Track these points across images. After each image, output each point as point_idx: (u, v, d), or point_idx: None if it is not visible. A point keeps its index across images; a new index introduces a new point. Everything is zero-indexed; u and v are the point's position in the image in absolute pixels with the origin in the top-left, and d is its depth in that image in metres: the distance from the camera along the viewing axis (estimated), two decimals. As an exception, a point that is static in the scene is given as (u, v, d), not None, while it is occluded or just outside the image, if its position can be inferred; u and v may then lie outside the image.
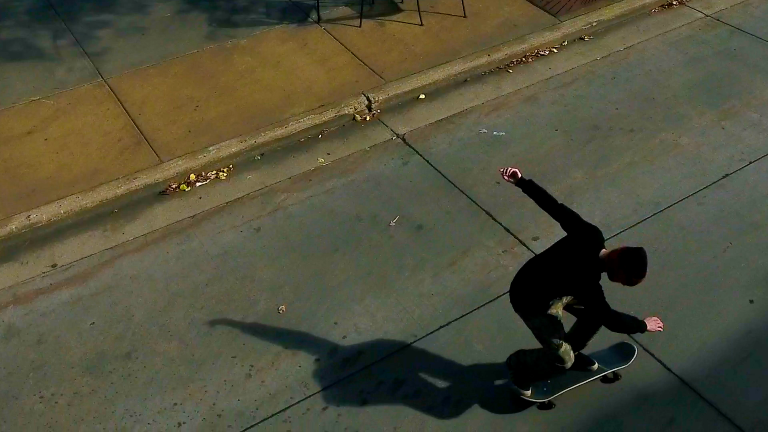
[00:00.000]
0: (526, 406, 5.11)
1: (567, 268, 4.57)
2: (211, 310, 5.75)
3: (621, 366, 5.20)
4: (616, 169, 6.94)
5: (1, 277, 6.04)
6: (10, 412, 5.13)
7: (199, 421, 5.07)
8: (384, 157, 7.11)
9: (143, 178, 6.82)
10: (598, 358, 5.24)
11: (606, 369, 5.18)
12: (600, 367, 5.17)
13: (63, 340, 5.57)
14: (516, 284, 4.79)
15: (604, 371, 5.18)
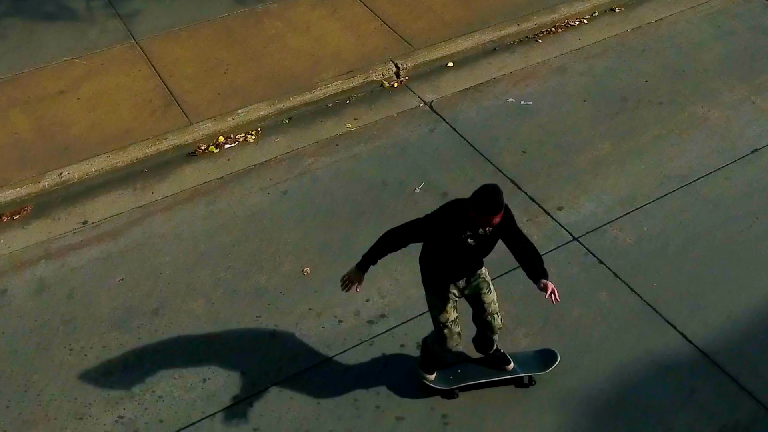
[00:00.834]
0: (429, 391, 4.93)
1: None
2: (237, 270, 5.73)
3: (538, 372, 4.95)
4: (644, 141, 6.78)
5: (33, 233, 6.06)
6: (41, 363, 5.17)
7: (223, 377, 5.06)
8: (411, 124, 7.00)
9: (173, 139, 6.78)
10: (519, 359, 4.99)
11: (520, 372, 4.94)
12: (515, 369, 4.95)
13: (93, 295, 5.58)
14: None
15: (518, 374, 4.94)
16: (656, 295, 5.51)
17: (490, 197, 4.10)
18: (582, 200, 6.24)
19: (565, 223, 6.04)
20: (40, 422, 4.86)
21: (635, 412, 4.85)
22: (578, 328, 5.32)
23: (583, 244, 5.88)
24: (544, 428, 4.78)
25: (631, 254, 5.82)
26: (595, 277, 5.65)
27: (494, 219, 4.14)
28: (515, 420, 4.82)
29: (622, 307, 5.45)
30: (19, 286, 5.65)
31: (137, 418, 4.86)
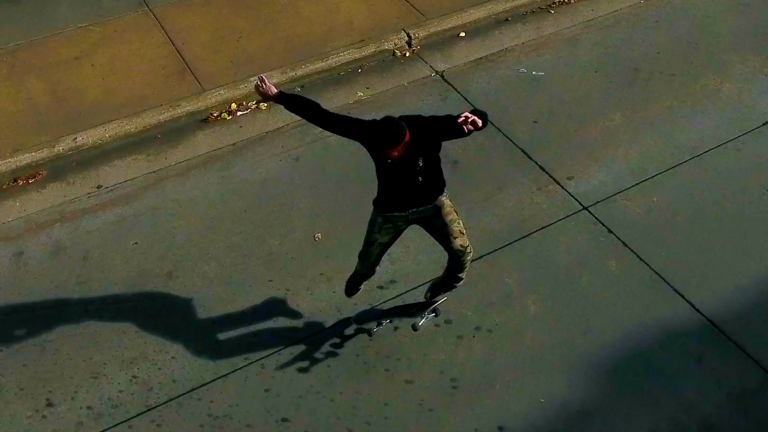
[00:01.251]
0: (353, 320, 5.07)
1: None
2: (250, 235, 5.74)
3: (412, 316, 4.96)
4: (655, 112, 6.72)
5: (48, 196, 6.08)
6: (56, 323, 5.20)
7: (236, 339, 5.09)
8: (422, 93, 6.95)
9: (186, 105, 6.77)
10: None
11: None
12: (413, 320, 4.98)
13: (107, 258, 5.60)
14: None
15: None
16: (665, 265, 5.49)
17: (382, 132, 4.04)
18: (592, 170, 6.20)
19: (575, 192, 6.01)
20: (56, 380, 4.90)
21: (643, 378, 4.85)
22: (587, 295, 5.31)
23: (592, 213, 5.85)
24: (553, 392, 4.79)
25: (640, 224, 5.79)
26: (604, 246, 5.63)
27: (391, 152, 4.08)
28: (524, 384, 4.83)
29: (630, 276, 5.43)
30: (35, 248, 5.68)
31: (151, 378, 4.90)
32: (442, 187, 4.51)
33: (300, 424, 4.67)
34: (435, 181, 4.44)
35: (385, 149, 4.08)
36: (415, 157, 4.24)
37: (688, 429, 4.63)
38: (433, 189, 4.46)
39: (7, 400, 4.81)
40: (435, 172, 4.41)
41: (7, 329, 5.17)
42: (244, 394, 4.81)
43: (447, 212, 4.48)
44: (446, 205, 4.50)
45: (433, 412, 4.71)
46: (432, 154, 4.32)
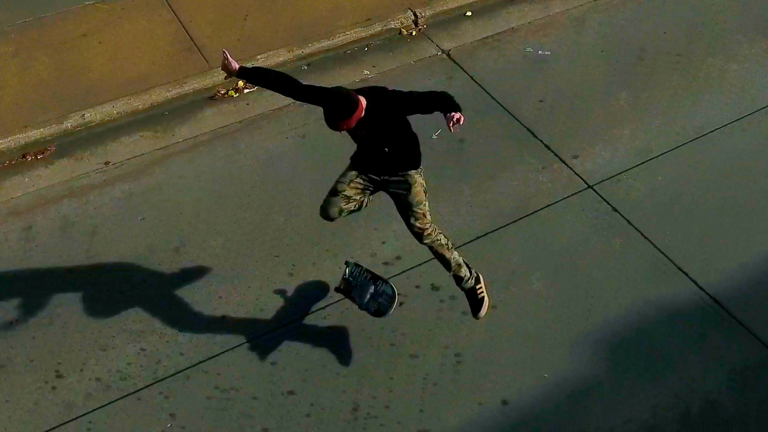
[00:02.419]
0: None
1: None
2: (256, 210, 5.73)
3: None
4: (661, 92, 6.67)
5: (57, 172, 6.07)
6: (65, 296, 5.21)
7: (243, 314, 5.10)
8: (428, 72, 6.91)
9: (193, 83, 6.74)
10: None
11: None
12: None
13: (115, 233, 5.60)
14: None
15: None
16: (669, 244, 5.48)
17: (328, 107, 4.05)
18: (597, 149, 6.17)
19: (580, 171, 5.98)
20: (64, 353, 4.92)
21: (646, 355, 4.86)
22: (591, 273, 5.30)
23: (597, 192, 5.83)
24: (556, 368, 4.80)
25: (645, 203, 5.77)
26: (608, 224, 5.61)
27: (341, 125, 4.08)
28: (528, 359, 4.84)
29: (634, 255, 5.42)
30: (44, 223, 5.68)
31: (159, 351, 4.92)
32: (415, 161, 4.47)
33: (306, 397, 4.69)
34: (405, 154, 4.43)
35: (329, 124, 4.09)
36: (377, 129, 4.24)
37: (689, 405, 4.64)
38: (402, 162, 4.44)
39: (17, 372, 4.83)
40: (405, 145, 4.40)
41: (16, 302, 5.18)
42: (250, 368, 4.83)
43: (416, 192, 4.47)
44: (417, 184, 4.47)
45: (437, 386, 4.73)
46: (399, 127, 4.30)
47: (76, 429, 4.55)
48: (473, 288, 4.77)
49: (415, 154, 4.48)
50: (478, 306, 4.77)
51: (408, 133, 4.42)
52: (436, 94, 4.21)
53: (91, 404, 4.67)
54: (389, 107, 4.21)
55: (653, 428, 4.53)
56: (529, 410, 4.62)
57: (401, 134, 4.37)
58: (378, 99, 4.21)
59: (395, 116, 4.25)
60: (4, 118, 6.43)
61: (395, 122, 4.28)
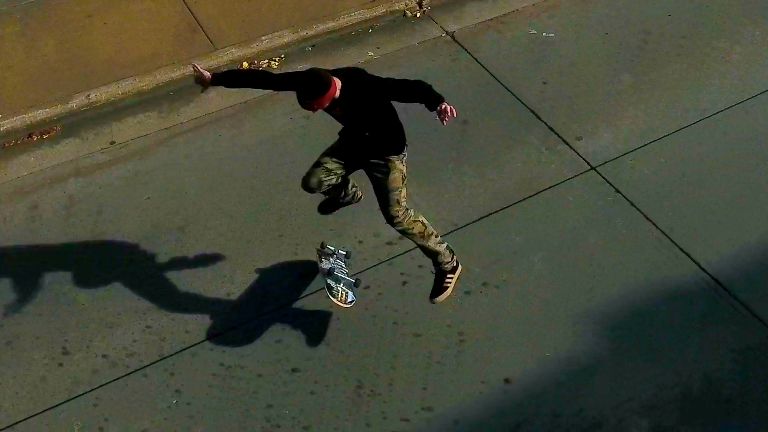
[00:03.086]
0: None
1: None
2: (261, 190, 5.71)
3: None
4: (664, 74, 6.61)
5: (63, 151, 6.05)
6: (72, 275, 5.21)
7: (247, 292, 5.09)
8: (433, 54, 6.86)
9: (198, 64, 6.68)
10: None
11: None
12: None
13: (121, 212, 5.59)
14: None
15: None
16: (672, 225, 5.44)
17: (301, 86, 4.03)
18: (601, 131, 6.13)
19: (583, 152, 5.94)
20: (71, 330, 4.92)
21: (648, 334, 4.84)
22: (594, 253, 5.28)
23: (600, 173, 5.79)
24: (558, 347, 4.79)
25: (648, 185, 5.73)
26: (611, 205, 5.58)
27: (312, 104, 4.05)
28: (530, 338, 4.83)
29: (637, 235, 5.40)
30: (50, 202, 5.67)
31: (164, 328, 4.91)
32: (396, 148, 4.42)
33: (310, 374, 4.68)
34: (385, 139, 4.39)
35: (301, 103, 4.08)
36: (355, 111, 4.21)
37: (690, 384, 4.63)
38: (383, 147, 4.41)
39: (24, 348, 4.84)
40: (386, 130, 4.36)
41: (23, 280, 5.18)
42: (255, 345, 4.82)
43: (393, 179, 4.44)
44: (396, 170, 4.43)
45: (440, 364, 4.72)
46: (379, 111, 4.26)
47: (83, 405, 4.56)
48: (444, 273, 4.72)
49: (396, 141, 4.42)
50: (439, 291, 4.73)
51: (390, 119, 4.37)
52: (414, 84, 4.14)
53: (97, 380, 4.67)
54: (365, 90, 4.17)
55: (654, 407, 4.52)
56: (531, 389, 4.62)
57: (382, 119, 4.32)
58: (353, 81, 4.16)
59: (373, 100, 4.19)
60: (10, 99, 6.40)
61: (374, 106, 4.23)
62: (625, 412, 4.49)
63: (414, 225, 4.55)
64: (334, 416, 4.48)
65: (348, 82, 4.14)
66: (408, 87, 4.13)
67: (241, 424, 4.47)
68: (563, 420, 4.47)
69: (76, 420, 4.49)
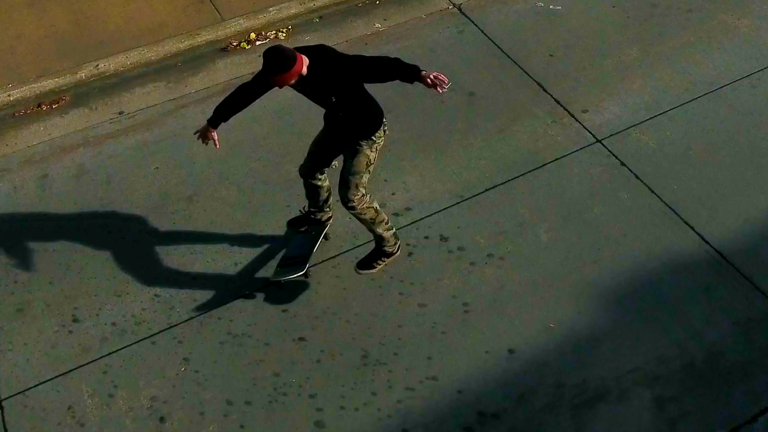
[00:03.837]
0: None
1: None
2: (268, 161, 5.60)
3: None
4: (671, 47, 6.44)
5: (72, 121, 5.95)
6: (81, 243, 5.13)
7: (255, 262, 5.01)
8: (440, 26, 6.70)
9: (206, 34, 6.56)
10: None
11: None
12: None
13: (129, 182, 5.50)
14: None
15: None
16: (676, 198, 5.33)
17: (265, 62, 3.94)
18: (607, 103, 5.98)
19: (589, 125, 5.81)
20: (81, 297, 4.86)
21: (651, 306, 4.75)
22: (598, 225, 5.17)
23: (606, 146, 5.66)
24: (562, 318, 4.70)
25: (653, 157, 5.60)
26: (617, 178, 5.46)
27: (276, 80, 3.95)
28: (535, 309, 4.75)
29: (642, 208, 5.28)
30: (60, 171, 5.58)
31: (173, 297, 4.85)
32: (366, 132, 4.30)
33: (316, 343, 4.62)
34: (358, 121, 4.27)
35: (270, 75, 3.97)
36: (325, 90, 4.09)
37: (693, 356, 4.55)
38: (356, 129, 4.30)
39: (35, 315, 4.78)
40: (358, 111, 4.24)
41: (33, 248, 5.11)
42: (262, 314, 4.75)
43: (357, 162, 4.34)
44: (362, 155, 4.33)
45: (445, 335, 4.65)
46: (350, 92, 4.14)
47: (92, 371, 4.51)
48: (381, 253, 4.68)
49: (369, 124, 4.30)
50: (367, 265, 4.69)
51: (362, 100, 4.24)
52: (382, 59, 4.02)
53: (107, 348, 4.62)
54: (333, 67, 4.03)
55: (657, 378, 4.44)
56: (535, 359, 4.54)
57: (353, 98, 4.20)
58: (321, 58, 4.03)
59: (342, 77, 4.06)
60: (20, 68, 6.29)
61: (343, 83, 4.10)
62: (628, 383, 4.42)
63: (367, 211, 4.49)
64: (339, 385, 4.42)
65: (315, 60, 4.02)
66: (377, 62, 4.03)
67: (248, 391, 4.41)
68: (566, 390, 4.40)
69: (86, 386, 4.45)
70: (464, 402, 4.34)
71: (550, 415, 4.28)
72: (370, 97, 4.32)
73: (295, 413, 4.31)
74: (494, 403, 4.32)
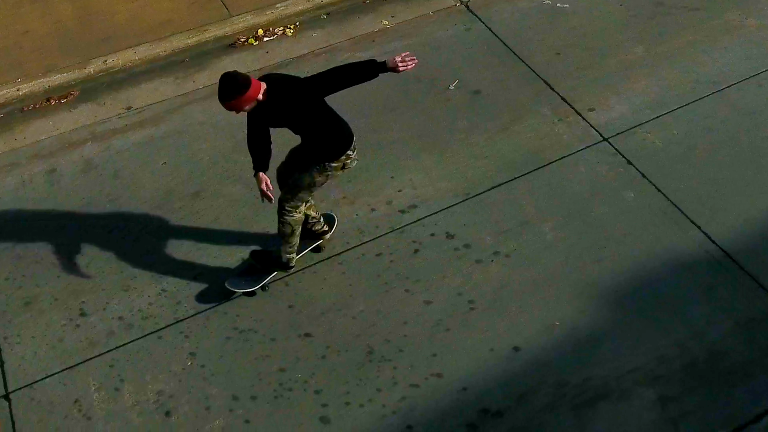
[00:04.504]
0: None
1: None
2: (274, 158, 5.55)
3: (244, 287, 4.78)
4: (677, 46, 6.42)
5: (80, 116, 5.96)
6: (88, 238, 5.15)
7: (260, 258, 5.03)
8: (446, 23, 6.68)
9: (213, 30, 6.56)
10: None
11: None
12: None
13: (136, 177, 5.51)
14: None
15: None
16: (682, 196, 5.31)
17: (219, 87, 4.01)
18: (613, 102, 5.96)
19: (595, 123, 5.79)
20: (88, 292, 4.88)
21: (654, 305, 4.74)
22: (602, 223, 5.16)
23: (612, 144, 5.64)
24: (566, 316, 4.70)
25: (659, 156, 5.58)
26: (622, 176, 5.44)
27: (227, 105, 4.04)
28: (539, 307, 4.74)
29: (646, 207, 5.27)
30: (68, 165, 5.59)
31: (179, 291, 4.86)
32: (322, 157, 4.35)
33: (321, 339, 4.63)
34: (314, 146, 4.35)
35: (222, 102, 4.07)
36: (285, 117, 4.17)
37: (695, 355, 4.54)
38: (311, 152, 4.37)
39: (42, 309, 4.80)
40: (316, 137, 4.30)
41: (41, 242, 5.13)
42: (268, 310, 4.76)
43: (301, 178, 4.47)
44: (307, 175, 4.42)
45: (450, 332, 4.65)
46: (309, 117, 4.19)
47: (99, 365, 4.53)
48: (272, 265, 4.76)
49: (323, 152, 4.35)
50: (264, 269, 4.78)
51: (323, 128, 4.29)
52: (341, 65, 4.08)
53: (113, 342, 4.64)
54: (291, 94, 4.09)
55: (659, 377, 4.44)
56: (537, 358, 4.54)
57: (313, 125, 4.26)
58: (279, 84, 4.10)
59: (301, 102, 4.11)
60: (28, 63, 6.30)
61: (303, 109, 4.15)
62: (629, 383, 4.41)
63: (287, 225, 4.57)
64: (344, 381, 4.43)
65: (273, 86, 4.08)
66: (331, 71, 4.08)
67: (253, 386, 4.42)
68: (568, 389, 4.40)
69: (92, 380, 4.47)
70: (467, 399, 4.34)
71: (552, 413, 4.28)
72: (334, 125, 4.33)
73: (300, 409, 4.32)
74: (497, 401, 4.32)
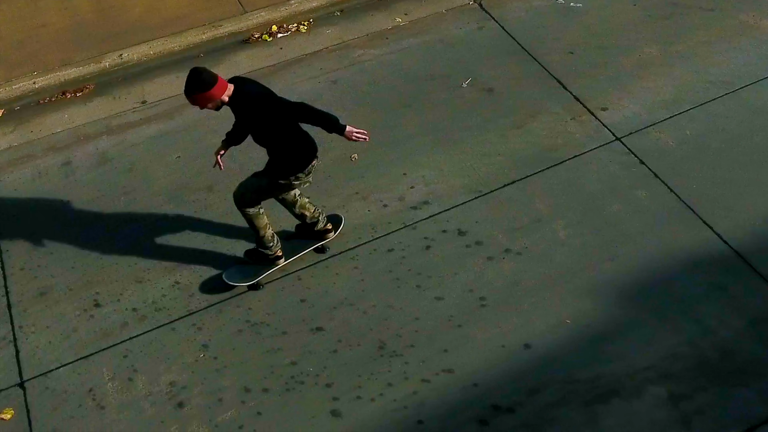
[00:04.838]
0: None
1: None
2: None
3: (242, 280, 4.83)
4: (691, 46, 6.40)
5: (95, 109, 5.99)
6: (102, 230, 5.19)
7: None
8: (460, 21, 6.69)
9: (228, 26, 6.58)
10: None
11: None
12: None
13: (151, 170, 5.54)
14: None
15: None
16: (694, 196, 5.30)
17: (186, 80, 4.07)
18: (626, 102, 5.95)
19: (608, 123, 5.79)
20: (102, 283, 4.90)
21: (666, 303, 4.73)
22: (616, 222, 5.15)
23: (625, 144, 5.64)
24: (578, 313, 4.70)
25: (672, 156, 5.57)
26: (635, 176, 5.43)
27: (190, 99, 4.09)
28: (550, 304, 4.74)
29: (659, 206, 5.26)
30: (83, 158, 5.62)
31: (192, 284, 4.88)
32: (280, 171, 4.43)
33: (333, 333, 4.64)
34: (273, 157, 4.42)
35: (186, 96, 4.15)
36: (244, 121, 4.25)
37: (706, 354, 4.53)
38: (274, 165, 4.44)
39: (57, 299, 4.83)
40: (274, 149, 4.37)
41: (55, 233, 5.17)
42: (280, 304, 4.78)
43: (257, 181, 4.54)
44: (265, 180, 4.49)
45: (461, 327, 4.65)
46: (268, 131, 4.26)
47: (113, 355, 4.56)
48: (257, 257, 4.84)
49: (283, 165, 4.43)
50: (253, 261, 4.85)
51: (283, 144, 4.34)
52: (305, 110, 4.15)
53: (127, 333, 4.66)
54: (252, 102, 4.16)
55: (671, 376, 4.43)
56: (549, 354, 4.54)
57: (273, 139, 4.33)
58: (244, 91, 4.16)
59: (259, 113, 4.17)
60: (45, 56, 6.34)
61: (261, 120, 4.20)
62: (641, 380, 4.41)
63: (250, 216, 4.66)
64: (356, 375, 4.44)
65: (239, 90, 4.14)
66: (305, 106, 4.16)
67: (265, 379, 4.44)
68: (580, 386, 4.39)
69: (106, 370, 4.49)
70: (479, 394, 4.35)
71: (563, 409, 4.28)
72: (296, 141, 4.38)
73: (312, 402, 4.33)
74: (508, 397, 4.33)
